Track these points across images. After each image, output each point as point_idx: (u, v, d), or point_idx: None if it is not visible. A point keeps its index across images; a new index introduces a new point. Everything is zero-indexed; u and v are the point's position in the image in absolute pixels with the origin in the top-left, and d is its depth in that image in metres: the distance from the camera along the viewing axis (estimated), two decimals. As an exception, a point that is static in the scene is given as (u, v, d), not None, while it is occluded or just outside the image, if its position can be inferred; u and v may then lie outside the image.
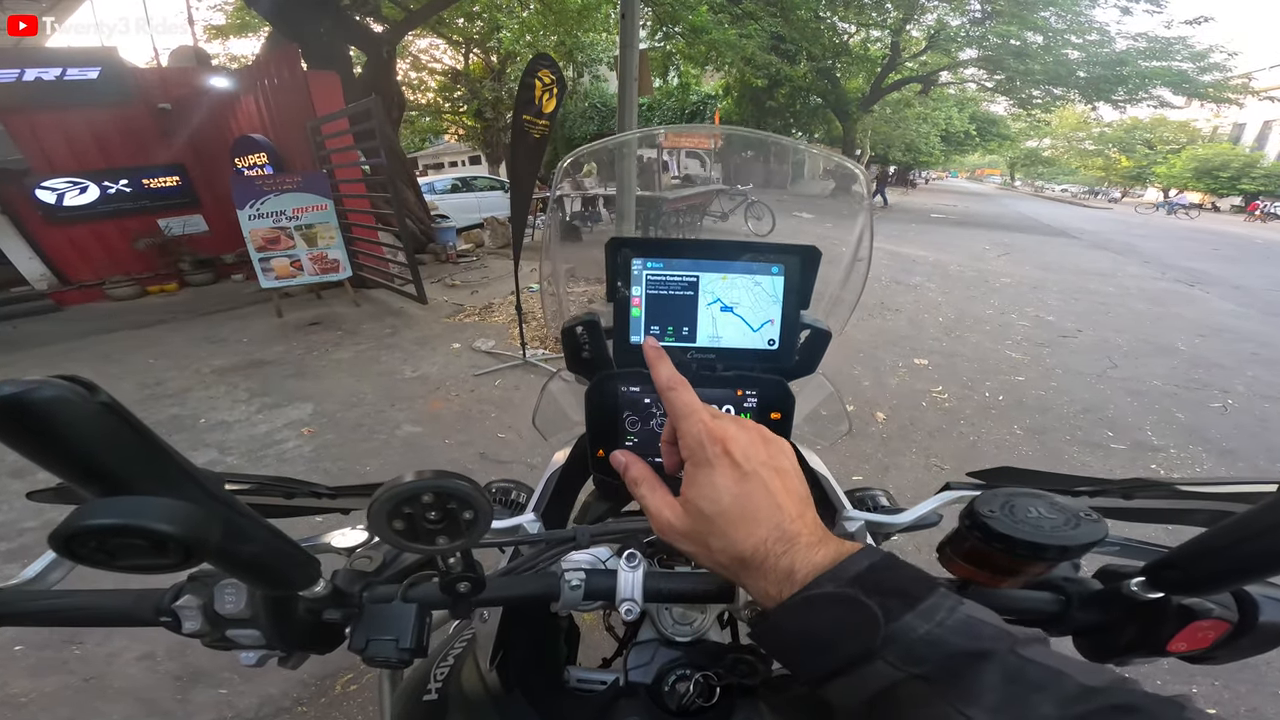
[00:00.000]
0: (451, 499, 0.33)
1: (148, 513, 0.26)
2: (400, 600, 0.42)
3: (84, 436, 0.25)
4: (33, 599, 0.44)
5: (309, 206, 5.60)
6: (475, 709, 0.53)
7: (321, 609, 0.42)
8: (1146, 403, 3.90)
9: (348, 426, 3.50)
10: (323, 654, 0.45)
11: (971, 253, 10.70)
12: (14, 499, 2.73)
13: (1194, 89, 17.33)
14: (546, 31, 13.09)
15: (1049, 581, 0.46)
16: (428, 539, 0.34)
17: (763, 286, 0.64)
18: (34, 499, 0.56)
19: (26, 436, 0.24)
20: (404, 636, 0.41)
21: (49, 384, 0.24)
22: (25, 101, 6.23)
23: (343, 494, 0.60)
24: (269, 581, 0.36)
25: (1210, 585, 0.37)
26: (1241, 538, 0.33)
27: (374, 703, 1.75)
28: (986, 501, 0.40)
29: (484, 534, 0.35)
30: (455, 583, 0.41)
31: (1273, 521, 0.32)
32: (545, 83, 3.65)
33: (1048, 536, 0.37)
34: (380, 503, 0.33)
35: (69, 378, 0.25)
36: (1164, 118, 37.17)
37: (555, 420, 0.89)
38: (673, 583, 0.48)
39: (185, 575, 0.42)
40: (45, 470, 0.26)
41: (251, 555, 0.32)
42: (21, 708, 1.71)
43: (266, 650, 0.42)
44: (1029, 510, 0.39)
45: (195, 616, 0.40)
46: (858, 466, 3.01)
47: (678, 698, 0.49)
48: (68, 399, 0.24)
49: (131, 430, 0.26)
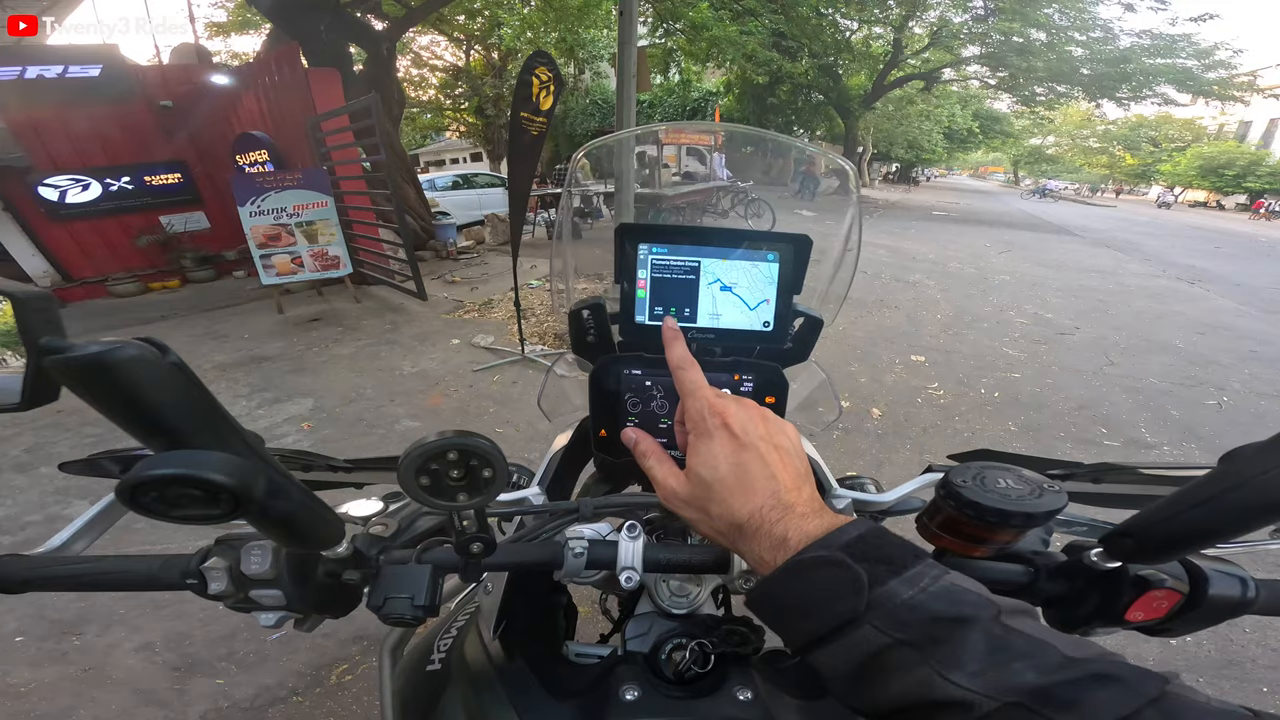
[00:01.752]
0: (473, 456, 0.36)
1: (205, 464, 0.28)
2: (415, 562, 0.45)
3: (155, 393, 0.27)
4: (61, 564, 0.47)
5: (310, 203, 5.62)
6: (478, 677, 0.55)
7: (341, 570, 0.44)
8: (1142, 400, 3.91)
9: (347, 421, 3.53)
10: (337, 617, 0.48)
11: (972, 250, 10.70)
12: (17, 494, 2.77)
13: (1198, 86, 17.23)
14: (547, 28, 13.09)
15: (1019, 554, 0.49)
16: (449, 496, 0.38)
17: (760, 270, 0.68)
18: (65, 470, 0.59)
19: (106, 391, 0.26)
20: (419, 595, 0.43)
21: (130, 344, 0.26)
22: (27, 99, 6.26)
23: (359, 467, 0.63)
24: (299, 538, 0.38)
25: (1159, 553, 0.40)
26: (1182, 509, 0.36)
27: (368, 693, 1.78)
28: (960, 473, 0.43)
29: (500, 491, 0.38)
30: (469, 543, 0.44)
31: (1208, 494, 0.34)
32: (542, 80, 3.66)
33: (1014, 504, 0.40)
34: (410, 458, 0.36)
35: (145, 339, 0.27)
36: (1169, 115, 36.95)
37: (559, 403, 0.92)
38: (670, 553, 0.51)
39: (213, 539, 0.45)
40: (115, 423, 0.28)
41: (287, 512, 0.35)
42: (22, 697, 1.73)
43: (286, 612, 0.44)
44: (998, 481, 0.42)
45: (221, 578, 0.42)
46: (852, 462, 3.03)
47: (673, 666, 0.51)
48: (145, 358, 0.27)
49: (194, 389, 0.29)
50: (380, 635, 1.96)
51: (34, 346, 0.30)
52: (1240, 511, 0.33)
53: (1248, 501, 0.33)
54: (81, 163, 6.73)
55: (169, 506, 0.29)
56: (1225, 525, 0.35)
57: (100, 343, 0.25)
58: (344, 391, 3.95)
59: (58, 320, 0.31)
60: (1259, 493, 0.32)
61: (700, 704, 0.48)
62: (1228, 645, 1.99)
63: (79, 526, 0.54)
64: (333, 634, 1.96)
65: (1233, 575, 0.43)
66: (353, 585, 0.46)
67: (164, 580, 0.45)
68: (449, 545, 0.46)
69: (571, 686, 0.53)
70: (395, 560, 0.45)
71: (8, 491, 2.78)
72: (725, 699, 0.48)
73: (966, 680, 0.27)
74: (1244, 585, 0.43)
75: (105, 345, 0.25)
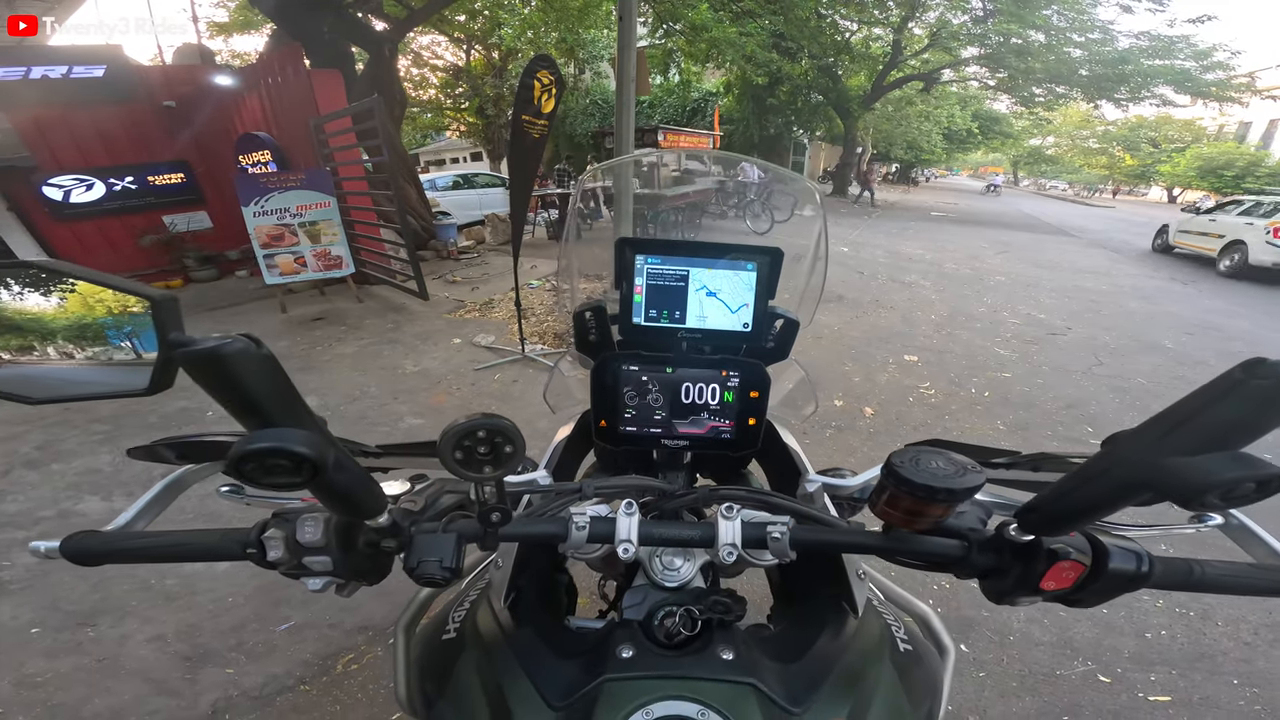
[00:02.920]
0: (499, 434, 0.44)
1: (294, 440, 0.35)
2: (442, 532, 0.52)
3: (252, 379, 0.34)
4: (132, 539, 0.53)
5: (312, 204, 5.67)
6: (490, 643, 0.60)
7: (380, 539, 0.50)
8: (1129, 399, 3.99)
9: (351, 419, 3.59)
10: (372, 584, 0.54)
11: (969, 251, 10.74)
12: (29, 489, 2.81)
13: (1197, 88, 17.22)
14: (548, 28, 13.09)
15: (957, 531, 0.55)
16: (477, 468, 0.45)
17: (740, 278, 0.77)
18: (131, 455, 0.66)
19: (218, 377, 0.33)
20: (446, 558, 0.50)
21: (237, 339, 0.33)
22: (31, 99, 6.30)
23: (388, 452, 0.70)
24: (352, 507, 0.45)
25: (1062, 525, 0.46)
26: (1078, 485, 0.42)
27: (373, 681, 1.82)
28: (899, 455, 0.49)
29: (519, 463, 0.46)
30: (490, 513, 0.51)
31: (1091, 473, 0.40)
32: (544, 83, 3.71)
33: (940, 481, 0.45)
34: (449, 436, 0.43)
35: (245, 334, 0.34)
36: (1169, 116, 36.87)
37: (562, 397, 1.00)
38: (663, 529, 0.57)
39: (270, 513, 0.52)
40: (221, 404, 0.35)
41: (346, 483, 0.41)
42: (38, 687, 1.78)
43: (331, 577, 0.50)
44: (931, 463, 0.48)
45: (279, 546, 0.49)
46: (844, 459, 3.09)
47: (665, 630, 0.56)
48: (248, 350, 0.34)
49: (280, 376, 0.36)
50: (386, 624, 2.03)
51: (165, 340, 0.36)
52: (1113, 489, 0.39)
53: (1118, 479, 0.38)
54: (85, 163, 6.77)
55: (264, 474, 0.35)
56: (1105, 500, 0.40)
57: (215, 337, 0.33)
58: (348, 390, 4.01)
59: (181, 319, 0.38)
60: (1125, 472, 0.37)
61: (687, 661, 0.53)
62: (1199, 639, 2.04)
63: (142, 505, 0.61)
64: (338, 624, 2.02)
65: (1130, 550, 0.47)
66: (389, 553, 0.52)
67: (226, 551, 0.51)
68: (469, 518, 0.53)
69: (574, 649, 0.58)
70: (425, 530, 0.52)
71: (20, 487, 2.83)
72: (710, 658, 0.52)
73: None
74: (1139, 560, 0.47)
75: (219, 339, 0.32)
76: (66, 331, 0.40)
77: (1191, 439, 0.35)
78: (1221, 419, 0.34)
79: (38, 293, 0.39)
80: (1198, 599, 2.20)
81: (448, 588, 0.55)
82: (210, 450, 0.64)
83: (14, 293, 0.39)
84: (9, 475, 2.94)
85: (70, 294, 0.40)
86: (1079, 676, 1.88)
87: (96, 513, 2.65)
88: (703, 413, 0.82)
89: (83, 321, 0.40)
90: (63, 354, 0.41)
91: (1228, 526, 0.66)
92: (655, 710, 0.48)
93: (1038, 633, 2.04)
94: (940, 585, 2.24)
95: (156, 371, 0.38)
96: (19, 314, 0.40)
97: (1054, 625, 2.07)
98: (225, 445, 0.61)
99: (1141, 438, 0.37)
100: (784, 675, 0.53)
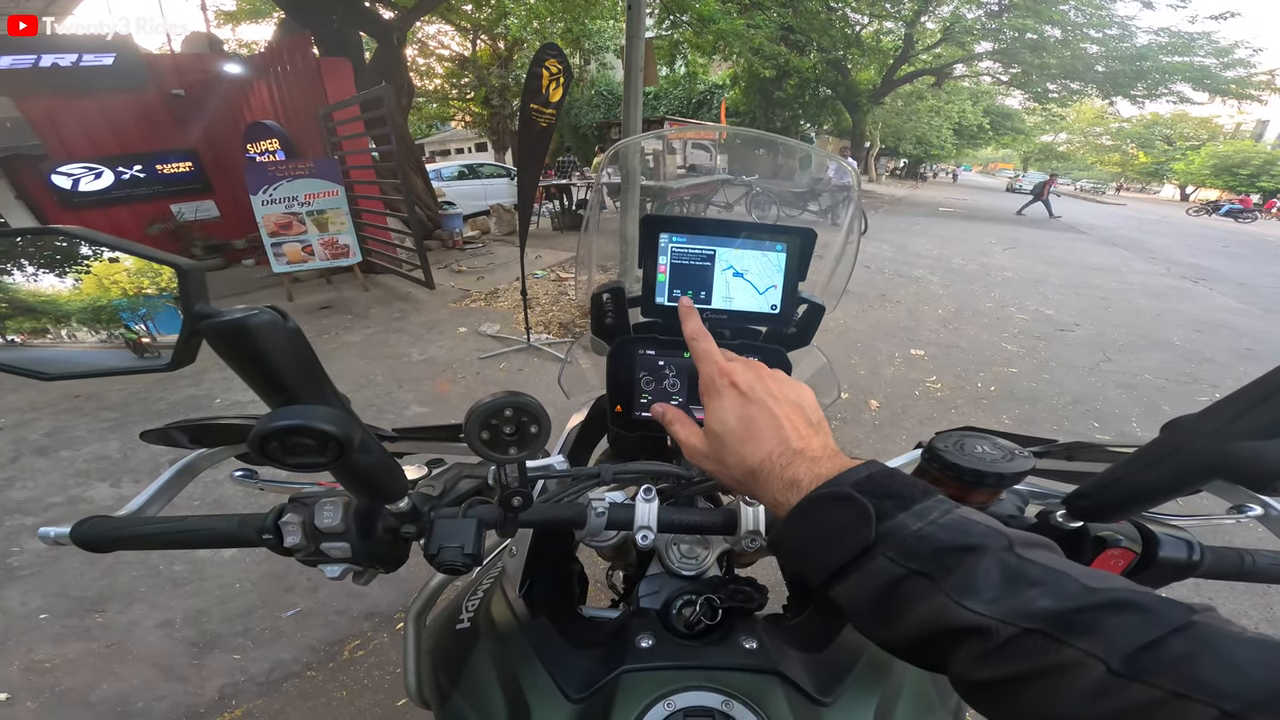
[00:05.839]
0: (524, 413, 0.42)
1: (319, 417, 0.33)
2: (461, 517, 0.50)
3: (278, 352, 0.33)
4: (145, 525, 0.51)
5: (320, 192, 5.67)
6: (505, 632, 0.59)
7: (400, 524, 0.49)
8: (1135, 395, 3.95)
9: (357, 406, 3.46)
10: (389, 571, 0.52)
11: (977, 247, 10.65)
12: (38, 476, 2.83)
13: (1215, 85, 17.00)
14: (554, 18, 12.99)
15: (997, 518, 0.53)
16: (503, 450, 0.44)
17: (769, 259, 0.75)
18: (145, 439, 0.65)
19: (243, 350, 0.32)
20: (468, 544, 0.48)
21: (264, 311, 0.32)
22: (42, 87, 6.32)
23: (404, 436, 0.68)
24: (373, 489, 0.43)
25: (1111, 512, 0.45)
26: (1129, 472, 0.41)
27: (379, 667, 1.83)
28: (943, 439, 0.49)
29: (545, 443, 0.44)
30: (511, 497, 0.49)
31: (1150, 459, 0.39)
32: (552, 72, 3.69)
33: (988, 466, 0.44)
34: (476, 415, 0.42)
35: (272, 307, 0.33)
36: (1185, 113, 36.47)
37: (576, 383, 0.99)
38: (682, 515, 0.55)
39: (287, 498, 0.50)
40: (244, 379, 0.34)
41: (369, 464, 0.40)
42: (47, 672, 1.79)
43: (349, 564, 0.49)
44: (975, 447, 0.47)
45: (296, 532, 0.47)
46: (849, 451, 3.07)
47: (684, 619, 0.55)
48: (275, 322, 0.33)
49: (306, 351, 0.35)
50: (392, 611, 2.03)
51: (190, 311, 0.35)
52: (1175, 474, 0.38)
53: (1181, 465, 0.37)
54: (94, 151, 6.80)
55: (287, 454, 0.34)
56: (1164, 486, 0.39)
57: (241, 309, 0.32)
58: (354, 378, 4.03)
59: (206, 290, 0.36)
60: (1189, 458, 0.37)
61: (709, 651, 0.51)
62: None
63: (154, 490, 0.59)
64: (345, 611, 2.04)
65: (1180, 539, 0.47)
66: (408, 538, 0.50)
67: (242, 537, 0.49)
68: (488, 503, 0.51)
69: (590, 640, 0.56)
70: (445, 515, 0.50)
71: (30, 474, 2.84)
72: (732, 647, 0.51)
73: (982, 607, 0.28)
74: (1190, 548, 0.47)
75: (245, 311, 0.31)
76: (81, 315, 0.39)
77: (1261, 423, 0.34)
78: None
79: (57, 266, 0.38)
80: (1199, 593, 2.18)
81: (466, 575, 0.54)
82: (224, 434, 0.63)
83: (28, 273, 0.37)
84: (18, 462, 2.96)
85: (85, 275, 0.38)
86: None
87: (105, 499, 2.67)
88: None
89: (97, 304, 0.39)
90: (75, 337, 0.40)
91: (1267, 518, 0.65)
92: (677, 701, 0.47)
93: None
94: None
95: (180, 345, 0.36)
96: (33, 296, 0.38)
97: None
98: (239, 429, 0.59)
99: (1208, 422, 0.36)
100: (810, 665, 0.52)
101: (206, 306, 0.33)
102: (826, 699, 0.49)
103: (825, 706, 0.49)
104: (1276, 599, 2.17)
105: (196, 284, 0.35)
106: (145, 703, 1.71)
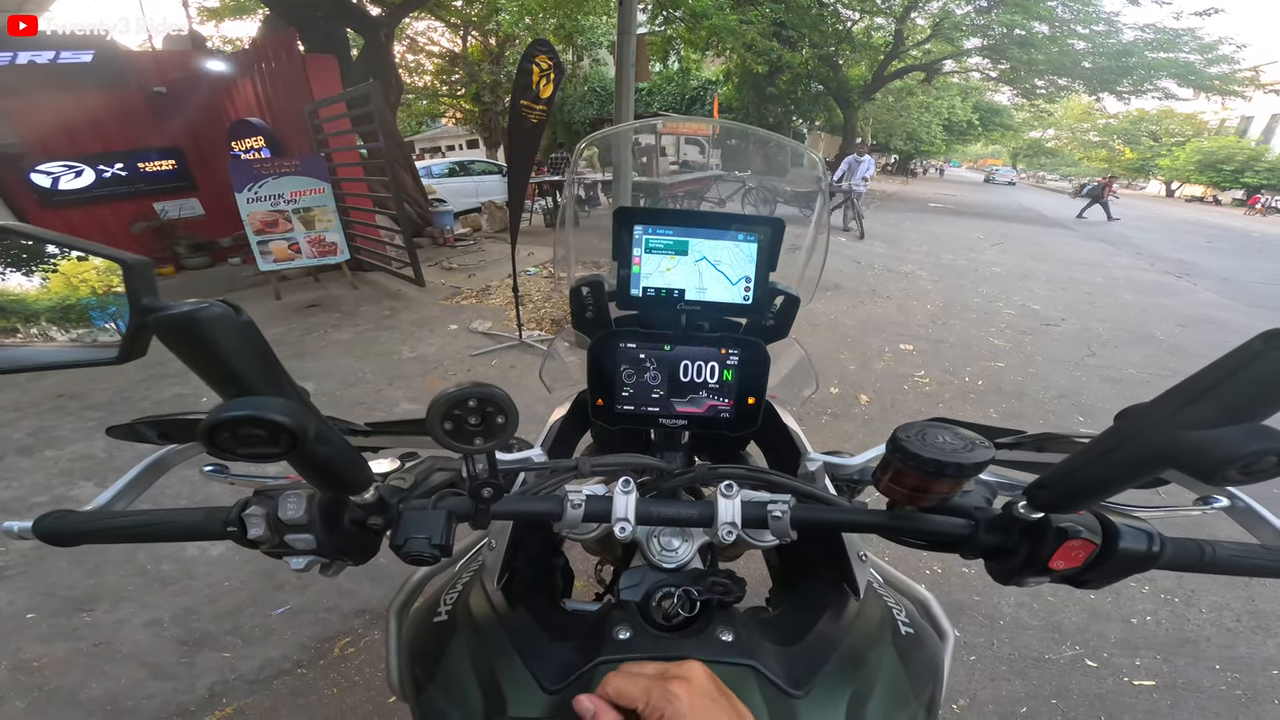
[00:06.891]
0: (489, 403, 0.41)
1: (270, 408, 0.33)
2: (431, 509, 0.49)
3: (231, 346, 0.33)
4: (111, 519, 0.51)
5: (307, 190, 5.62)
6: (482, 624, 0.58)
7: (366, 516, 0.49)
8: (1119, 389, 4.02)
9: (347, 404, 3.59)
10: (358, 564, 0.52)
11: (966, 243, 10.74)
12: (22, 475, 2.80)
13: (1200, 81, 17.13)
14: (546, 14, 12.93)
15: (964, 509, 0.53)
16: (468, 440, 0.43)
17: (741, 249, 0.75)
18: (111, 434, 0.64)
19: (194, 344, 0.32)
20: (435, 535, 0.47)
21: (215, 304, 0.32)
22: (19, 85, 6.19)
23: (377, 430, 0.68)
24: (335, 481, 0.43)
25: (1070, 502, 0.45)
26: (1085, 462, 0.41)
27: (370, 664, 1.83)
28: (906, 429, 0.48)
29: (512, 435, 0.43)
30: (481, 488, 0.48)
31: (1103, 448, 0.39)
32: (543, 68, 3.67)
33: (948, 456, 0.44)
34: (437, 404, 0.41)
35: (224, 300, 0.33)
36: (1171, 110, 36.81)
37: (558, 377, 0.99)
38: (661, 507, 0.55)
39: (251, 491, 0.50)
40: (197, 374, 0.34)
41: (328, 456, 0.40)
42: (34, 672, 1.77)
43: (315, 556, 0.48)
44: (937, 437, 0.47)
45: (260, 524, 0.47)
46: (839, 446, 3.09)
47: (663, 611, 0.55)
48: (227, 316, 0.32)
49: (260, 344, 0.35)
50: (383, 608, 2.04)
51: (137, 305, 0.35)
52: (1127, 464, 0.38)
53: (1131, 455, 0.37)
54: (74, 149, 6.68)
55: (238, 445, 0.34)
56: (1118, 476, 0.39)
57: (191, 303, 0.31)
58: (343, 375, 4.00)
59: (155, 284, 0.36)
60: (1140, 447, 0.36)
61: (686, 642, 0.51)
62: (1183, 624, 2.07)
63: (122, 486, 0.59)
64: (335, 608, 2.03)
65: (1141, 530, 0.46)
66: (375, 531, 0.50)
67: (207, 530, 0.49)
68: (460, 495, 0.51)
69: (569, 632, 0.56)
70: (414, 507, 0.50)
71: (13, 474, 2.81)
72: (709, 639, 0.51)
73: None
74: (1151, 540, 0.46)
75: (195, 304, 0.31)
76: (49, 314, 0.38)
77: (1210, 412, 0.33)
78: (1240, 391, 0.32)
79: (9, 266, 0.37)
80: (1183, 585, 2.23)
81: (438, 567, 0.54)
82: (193, 429, 0.62)
83: None
84: (2, 461, 2.93)
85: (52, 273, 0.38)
86: (1067, 661, 1.90)
87: (90, 498, 2.62)
88: (701, 391, 0.80)
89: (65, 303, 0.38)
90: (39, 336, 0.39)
91: (1233, 509, 0.65)
92: None
93: (1027, 617, 2.07)
94: (933, 569, 2.26)
95: (128, 338, 0.36)
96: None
97: (1043, 610, 2.10)
98: None
99: (1158, 411, 0.36)
100: (784, 657, 0.53)
101: (155, 300, 0.33)
102: (799, 691, 0.49)
103: (798, 699, 0.49)
104: (1259, 591, 2.20)
105: (143, 278, 0.35)
106: (135, 701, 1.70)
